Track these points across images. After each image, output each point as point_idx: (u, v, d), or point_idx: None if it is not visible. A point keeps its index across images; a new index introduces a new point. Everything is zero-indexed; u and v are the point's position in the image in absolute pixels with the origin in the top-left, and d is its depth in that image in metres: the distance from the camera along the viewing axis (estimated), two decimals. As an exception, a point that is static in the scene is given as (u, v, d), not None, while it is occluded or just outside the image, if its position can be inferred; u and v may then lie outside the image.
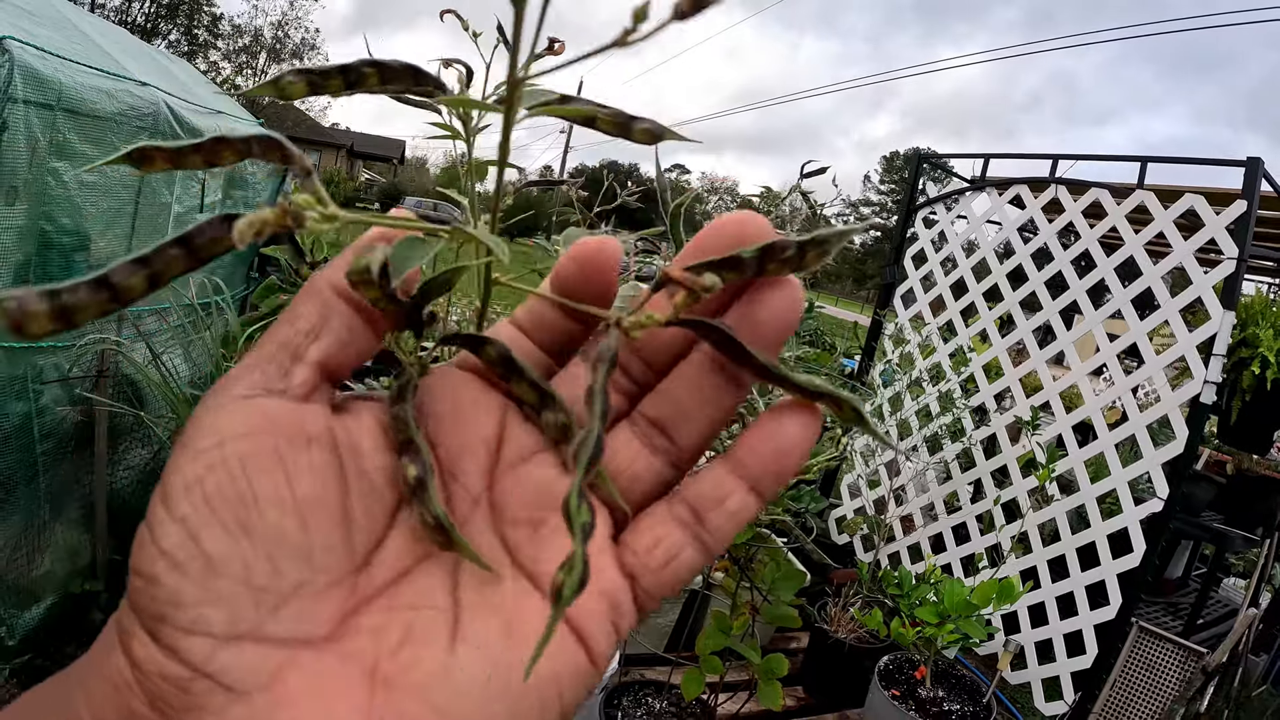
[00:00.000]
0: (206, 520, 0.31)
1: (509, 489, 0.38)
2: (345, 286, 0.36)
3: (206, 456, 0.32)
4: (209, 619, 0.31)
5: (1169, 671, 3.22)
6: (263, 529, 0.32)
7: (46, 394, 2.86)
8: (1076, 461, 3.71)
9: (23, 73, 2.45)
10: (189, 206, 3.83)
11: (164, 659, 0.30)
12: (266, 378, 0.35)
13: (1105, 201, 3.75)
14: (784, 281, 0.37)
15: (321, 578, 0.33)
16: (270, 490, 0.32)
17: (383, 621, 0.34)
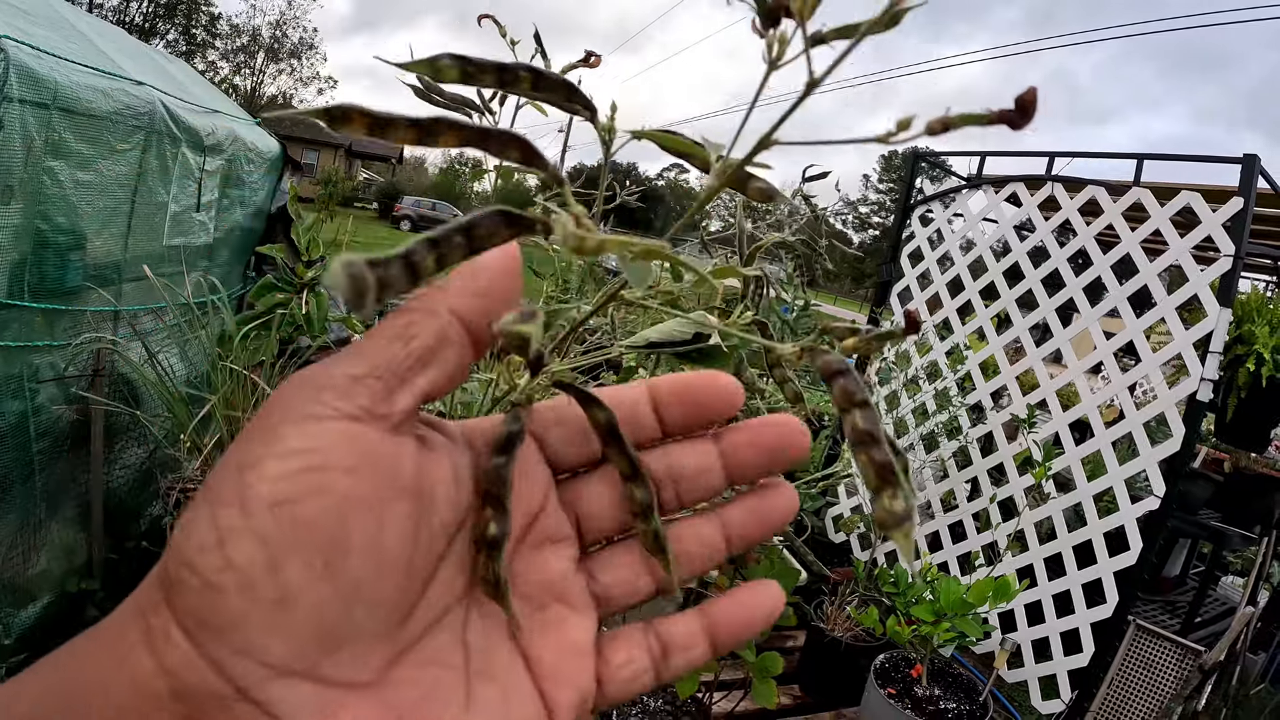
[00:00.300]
0: (292, 549, 0.30)
1: (528, 566, 0.41)
2: (468, 315, 0.36)
3: (305, 480, 0.31)
4: (269, 649, 0.30)
5: (1166, 670, 3.22)
6: (345, 574, 0.32)
7: (42, 393, 2.86)
8: (1073, 460, 3.71)
9: (18, 71, 2.45)
10: (185, 206, 3.83)
11: (209, 672, 0.30)
12: (370, 397, 0.34)
13: (1102, 199, 3.75)
14: (784, 488, 0.45)
15: (378, 627, 0.34)
16: (363, 539, 0.32)
17: (414, 675, 0.35)
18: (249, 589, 0.30)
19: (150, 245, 3.50)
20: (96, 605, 3.21)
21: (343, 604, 0.32)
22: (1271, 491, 4.52)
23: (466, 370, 0.37)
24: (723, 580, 2.19)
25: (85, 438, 3.11)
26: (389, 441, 0.34)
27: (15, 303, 2.63)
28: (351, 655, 0.32)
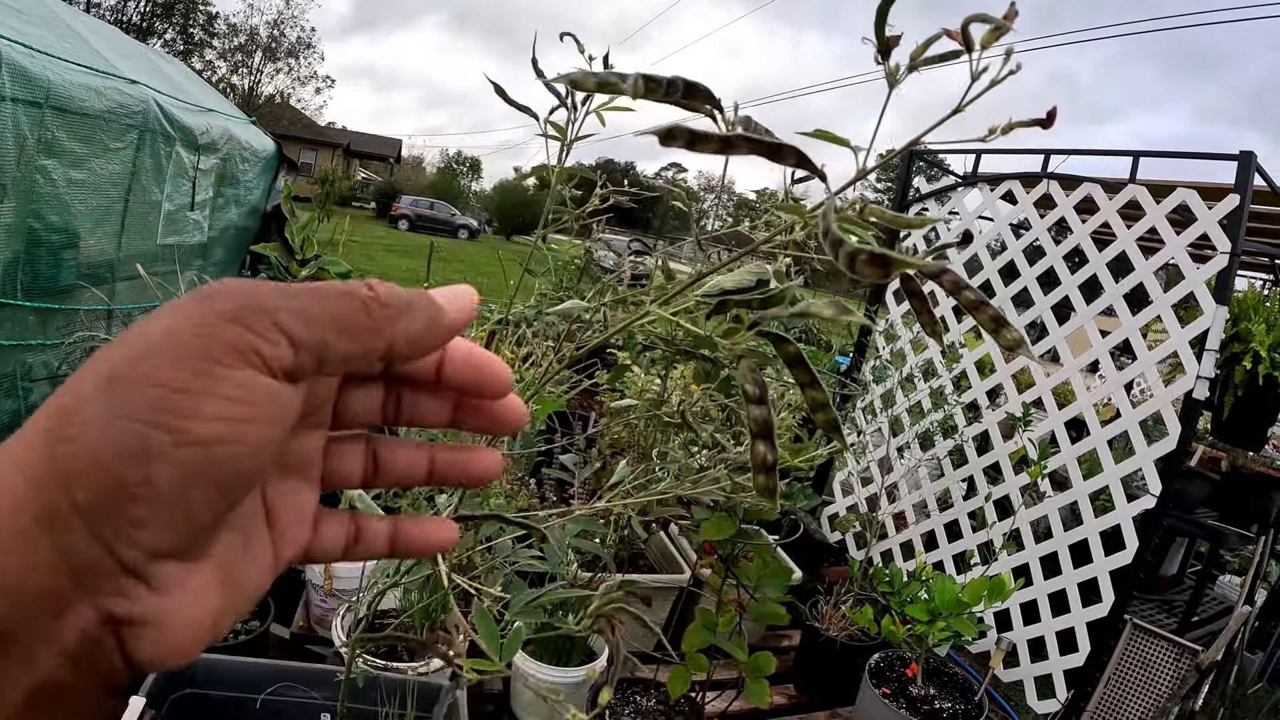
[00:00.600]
0: (203, 480, 0.35)
1: (298, 444, 0.46)
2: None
3: (235, 429, 0.36)
4: (158, 544, 0.35)
5: (1163, 669, 3.22)
6: (235, 497, 0.38)
7: (36, 391, 2.86)
8: (1069, 458, 3.70)
9: (10, 70, 2.45)
10: (180, 204, 3.83)
11: (102, 554, 0.34)
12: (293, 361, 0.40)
13: (1097, 196, 3.74)
14: (486, 455, 0.53)
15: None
16: (255, 477, 0.40)
17: (228, 540, 0.40)
18: (157, 502, 0.34)
19: (144, 244, 3.50)
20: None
21: (222, 515, 0.38)
22: (1269, 490, 4.52)
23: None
24: (714, 580, 2.18)
25: (78, 437, 3.10)
26: (288, 391, 0.39)
27: (8, 301, 2.63)
28: (206, 539, 0.38)
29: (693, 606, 2.43)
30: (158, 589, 0.36)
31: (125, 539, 0.34)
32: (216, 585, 0.39)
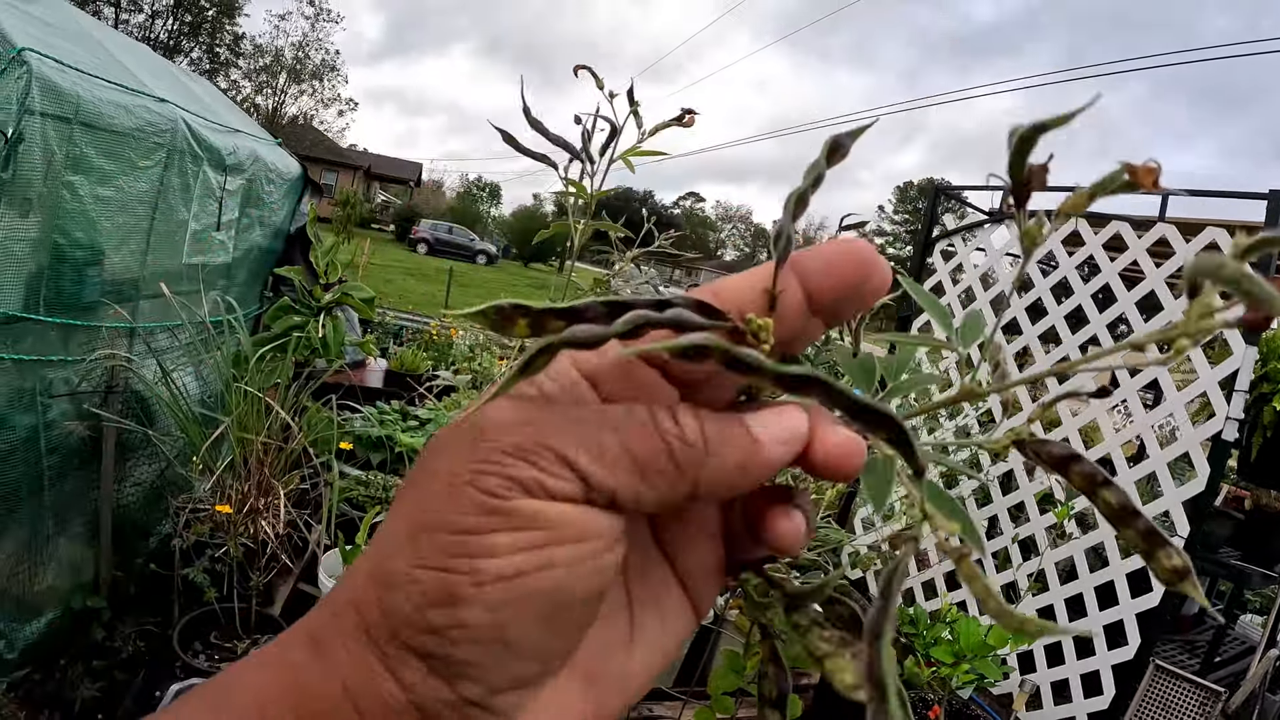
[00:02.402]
0: (518, 614, 0.35)
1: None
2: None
3: (535, 556, 0.35)
4: (491, 679, 0.35)
5: (1186, 711, 3.17)
6: (561, 625, 0.37)
7: (55, 408, 2.85)
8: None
9: (40, 85, 2.45)
10: (206, 224, 3.83)
11: (443, 688, 0.35)
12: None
13: (1126, 234, 3.71)
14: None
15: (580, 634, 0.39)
16: (581, 596, 0.36)
17: (604, 637, 0.40)
18: (478, 644, 0.34)
19: (169, 263, 3.50)
20: (102, 623, 3.18)
21: (558, 645, 0.37)
22: (1293, 531, 4.47)
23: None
24: (742, 621, 2.14)
25: (96, 454, 3.09)
26: (591, 513, 0.37)
27: (30, 316, 2.62)
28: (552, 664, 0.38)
29: (715, 646, 2.39)
30: (506, 714, 0.36)
31: (462, 678, 0.35)
32: (580, 690, 0.39)
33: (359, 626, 0.36)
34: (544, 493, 0.35)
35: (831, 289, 0.41)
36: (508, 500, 0.35)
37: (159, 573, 3.27)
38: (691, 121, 1.20)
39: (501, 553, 0.35)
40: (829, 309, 0.41)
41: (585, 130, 1.27)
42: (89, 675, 3.02)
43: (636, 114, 1.27)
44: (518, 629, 0.35)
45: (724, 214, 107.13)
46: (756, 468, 0.38)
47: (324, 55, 53.73)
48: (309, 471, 3.34)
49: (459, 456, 0.37)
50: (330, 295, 4.50)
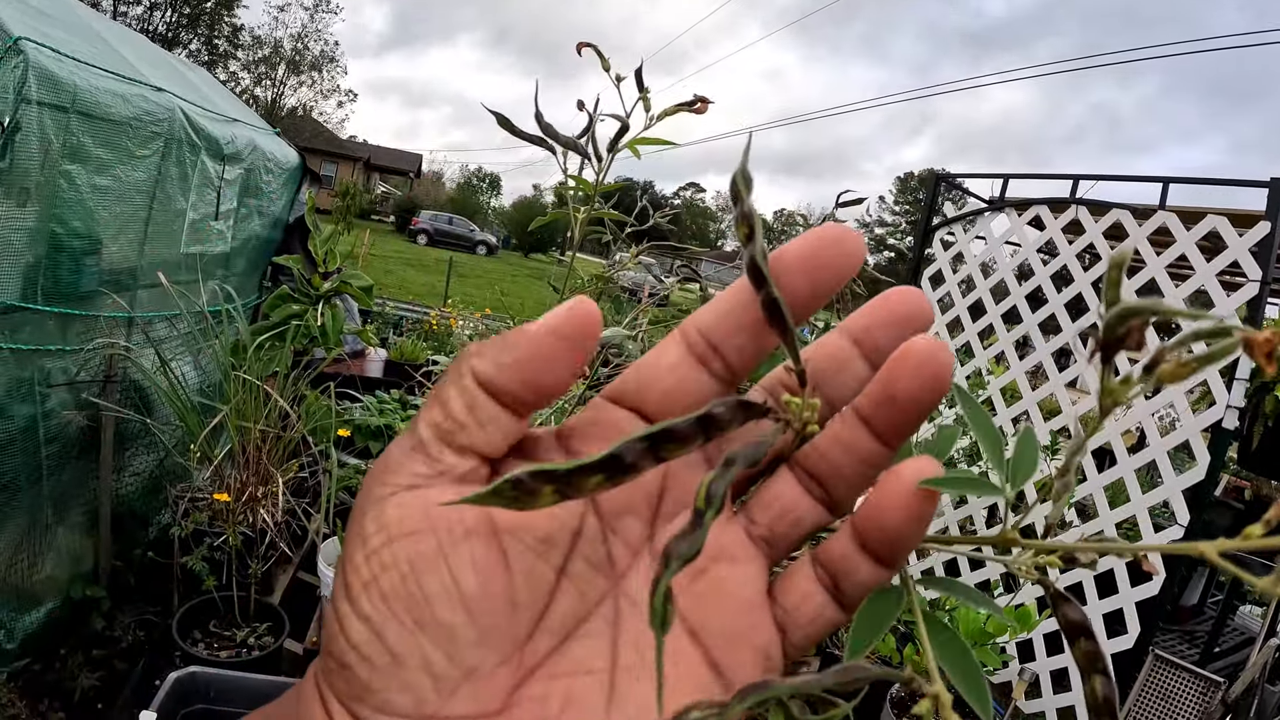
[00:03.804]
0: (386, 619, 0.34)
1: (671, 532, 0.40)
2: (488, 379, 0.37)
3: (378, 557, 0.35)
4: (396, 703, 0.34)
5: (1185, 701, 3.16)
6: (435, 625, 0.35)
7: (53, 397, 2.85)
8: (1095, 487, 3.65)
9: (37, 74, 2.44)
10: (204, 214, 3.82)
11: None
12: (424, 463, 0.37)
13: (1126, 223, 3.71)
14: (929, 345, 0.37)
15: (492, 659, 0.36)
16: (437, 589, 0.35)
17: (545, 690, 0.36)
18: (367, 661, 0.34)
19: (167, 252, 3.49)
20: (102, 613, 3.19)
21: (444, 650, 0.35)
22: (1294, 522, 4.46)
23: (512, 423, 0.37)
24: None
25: (95, 444, 3.09)
26: (449, 493, 0.36)
27: (28, 305, 2.61)
28: (472, 691, 0.35)
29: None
30: None
31: (370, 706, 0.35)
32: None
33: (311, 679, 0.37)
34: (383, 489, 0.36)
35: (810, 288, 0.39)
36: (360, 515, 0.36)
37: (158, 562, 3.28)
38: (704, 108, 1.18)
39: (356, 566, 0.35)
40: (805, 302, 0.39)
41: (590, 121, 1.25)
42: (89, 664, 3.02)
43: (645, 99, 1.25)
44: (393, 636, 0.34)
45: (724, 205, 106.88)
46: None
47: (323, 46, 53.63)
48: (308, 460, 3.34)
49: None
50: (329, 284, 4.49)
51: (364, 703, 0.34)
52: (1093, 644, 0.38)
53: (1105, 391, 0.37)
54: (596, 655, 0.37)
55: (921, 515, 0.36)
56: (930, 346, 0.36)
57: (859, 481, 0.39)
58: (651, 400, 0.40)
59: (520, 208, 58.74)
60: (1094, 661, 0.37)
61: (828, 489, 0.39)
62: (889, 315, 0.39)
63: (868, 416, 0.38)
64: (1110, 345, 0.35)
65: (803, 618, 0.39)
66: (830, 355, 0.40)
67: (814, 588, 0.39)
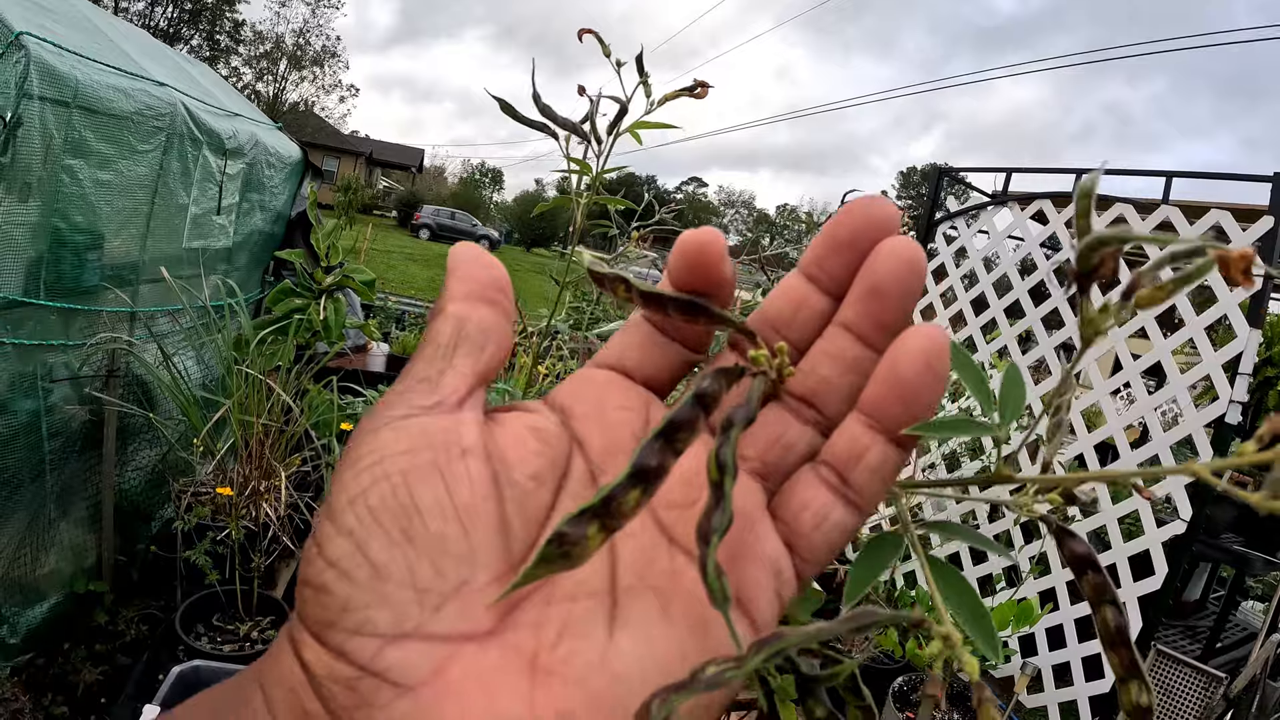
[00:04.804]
0: (372, 530, 0.33)
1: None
2: (471, 291, 0.40)
3: (369, 472, 0.34)
4: (375, 620, 0.32)
5: (1187, 696, 3.17)
6: (425, 536, 0.33)
7: (56, 392, 2.85)
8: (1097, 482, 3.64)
9: (39, 69, 2.44)
10: (206, 209, 3.83)
11: (333, 661, 0.32)
12: (420, 396, 0.37)
13: (1130, 217, 3.70)
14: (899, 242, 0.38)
15: (482, 576, 0.34)
16: (431, 499, 0.34)
17: (541, 615, 0.35)
18: (346, 576, 0.32)
19: (169, 247, 3.49)
20: (105, 607, 3.20)
21: (431, 562, 0.33)
22: (1297, 517, 4.46)
23: (502, 329, 0.40)
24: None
25: (98, 438, 3.10)
26: (445, 422, 0.36)
27: (31, 300, 2.62)
28: (459, 608, 0.34)
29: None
30: (405, 682, 0.32)
31: (345, 629, 0.32)
32: (521, 674, 0.34)
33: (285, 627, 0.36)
34: (378, 421, 0.36)
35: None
36: (354, 445, 0.36)
37: (161, 556, 3.28)
38: (704, 93, 1.18)
39: (348, 482, 0.34)
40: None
41: (592, 104, 1.25)
42: (92, 659, 3.03)
43: (645, 84, 1.25)
44: (378, 547, 0.33)
45: (726, 199, 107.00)
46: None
47: (324, 41, 53.59)
48: (310, 454, 3.34)
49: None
50: (331, 278, 4.49)
51: (337, 627, 0.32)
52: (1100, 576, 0.39)
53: (1085, 321, 0.39)
54: (594, 580, 0.37)
55: (937, 371, 0.36)
56: (904, 240, 0.38)
57: (850, 392, 0.39)
58: (631, 360, 0.43)
59: (523, 202, 58.69)
60: (1102, 593, 0.38)
61: (819, 406, 0.40)
62: (835, 243, 0.40)
63: (851, 321, 0.39)
64: (1085, 276, 0.36)
65: (805, 525, 0.38)
66: (786, 297, 0.42)
67: (814, 492, 0.38)
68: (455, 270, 0.41)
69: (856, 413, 0.38)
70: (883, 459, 0.38)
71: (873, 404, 0.37)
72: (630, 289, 0.41)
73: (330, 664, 0.32)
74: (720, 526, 0.33)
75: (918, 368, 0.36)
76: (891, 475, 0.38)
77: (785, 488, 0.39)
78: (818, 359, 0.40)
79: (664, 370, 0.43)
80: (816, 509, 0.38)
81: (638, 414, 0.40)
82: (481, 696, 0.32)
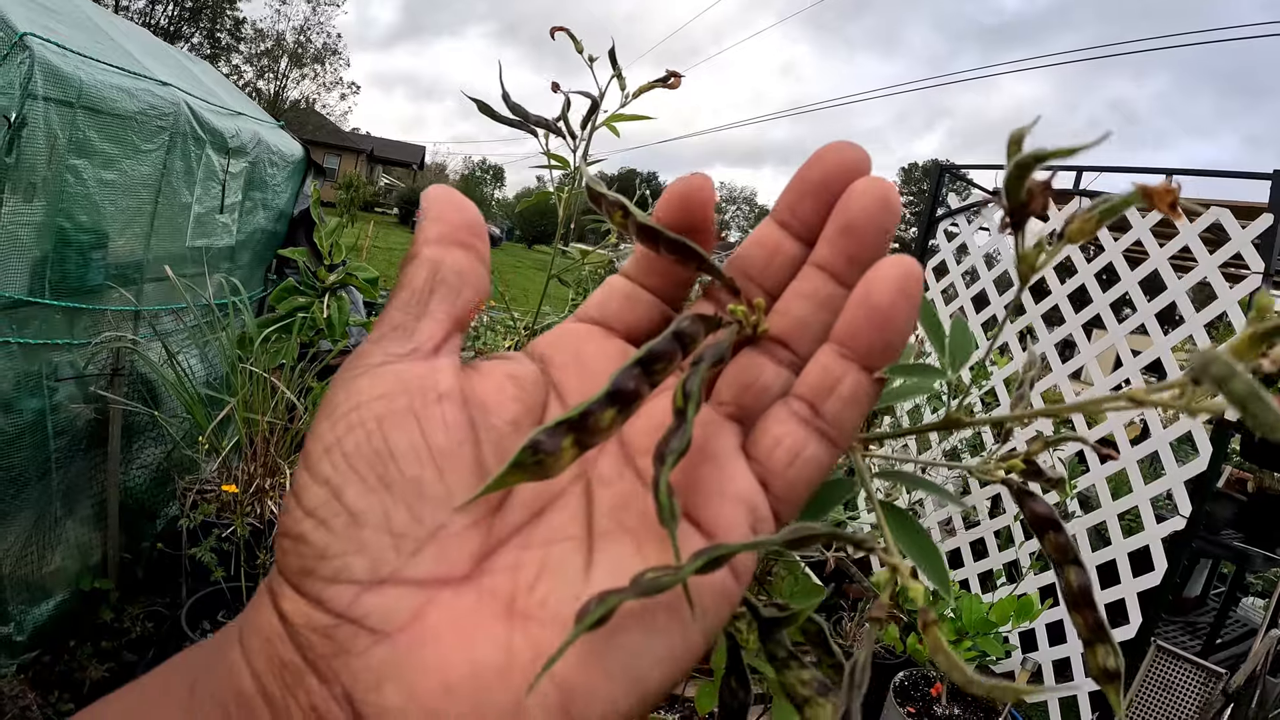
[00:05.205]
0: (347, 477, 0.33)
1: (637, 425, 0.40)
2: (445, 234, 0.40)
3: (345, 419, 0.34)
4: (352, 566, 0.32)
5: (1187, 692, 3.18)
6: (401, 480, 0.33)
7: (61, 390, 2.86)
8: (1098, 478, 3.65)
9: (43, 69, 2.45)
10: (209, 207, 3.83)
11: (310, 609, 0.32)
12: (395, 343, 0.37)
13: (1130, 214, 3.71)
14: (871, 182, 0.38)
15: (458, 521, 0.34)
16: (406, 444, 0.34)
17: (518, 559, 0.35)
18: (323, 524, 0.32)
19: (173, 246, 3.50)
20: (111, 605, 3.21)
21: (407, 507, 0.33)
22: (1297, 513, 4.47)
23: (478, 271, 0.40)
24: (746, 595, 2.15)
25: (103, 437, 3.11)
26: (421, 368, 0.36)
27: (36, 300, 2.63)
28: (435, 553, 0.33)
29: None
30: (382, 629, 0.32)
31: (322, 577, 0.32)
32: (497, 617, 0.33)
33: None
34: (354, 370, 0.36)
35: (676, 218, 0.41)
36: (330, 396, 0.36)
37: (166, 553, 3.29)
38: (677, 83, 1.20)
39: (324, 431, 0.34)
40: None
41: (566, 101, 1.27)
42: (98, 656, 3.04)
43: (619, 78, 1.27)
44: (354, 493, 0.33)
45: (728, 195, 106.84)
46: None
47: (325, 39, 53.53)
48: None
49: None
50: (334, 276, 4.50)
51: (315, 575, 0.32)
52: (1062, 536, 0.39)
53: (1021, 259, 0.39)
54: (571, 524, 0.37)
55: (911, 297, 0.36)
56: (877, 178, 0.38)
57: (824, 331, 0.39)
58: (612, 312, 0.44)
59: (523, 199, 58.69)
60: (1064, 553, 0.39)
61: (793, 346, 0.40)
62: (806, 186, 0.40)
63: (826, 260, 0.39)
64: (1017, 211, 0.36)
65: (779, 462, 0.37)
66: (760, 244, 0.42)
67: (787, 427, 0.38)
68: (429, 212, 0.41)
69: (829, 343, 0.38)
70: (856, 387, 0.37)
71: (847, 331, 0.37)
72: (627, 215, 0.41)
73: (308, 612, 0.32)
74: (678, 448, 0.33)
75: (892, 294, 0.36)
76: (866, 405, 0.38)
77: (757, 425, 0.39)
78: (792, 300, 0.40)
79: (644, 322, 0.43)
80: (790, 445, 0.38)
81: (616, 363, 0.38)
82: (459, 641, 0.32)
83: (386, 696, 0.31)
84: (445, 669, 0.31)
